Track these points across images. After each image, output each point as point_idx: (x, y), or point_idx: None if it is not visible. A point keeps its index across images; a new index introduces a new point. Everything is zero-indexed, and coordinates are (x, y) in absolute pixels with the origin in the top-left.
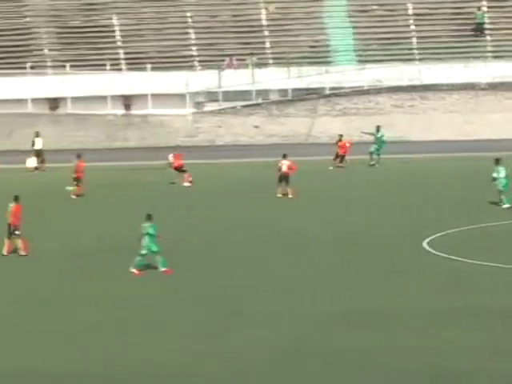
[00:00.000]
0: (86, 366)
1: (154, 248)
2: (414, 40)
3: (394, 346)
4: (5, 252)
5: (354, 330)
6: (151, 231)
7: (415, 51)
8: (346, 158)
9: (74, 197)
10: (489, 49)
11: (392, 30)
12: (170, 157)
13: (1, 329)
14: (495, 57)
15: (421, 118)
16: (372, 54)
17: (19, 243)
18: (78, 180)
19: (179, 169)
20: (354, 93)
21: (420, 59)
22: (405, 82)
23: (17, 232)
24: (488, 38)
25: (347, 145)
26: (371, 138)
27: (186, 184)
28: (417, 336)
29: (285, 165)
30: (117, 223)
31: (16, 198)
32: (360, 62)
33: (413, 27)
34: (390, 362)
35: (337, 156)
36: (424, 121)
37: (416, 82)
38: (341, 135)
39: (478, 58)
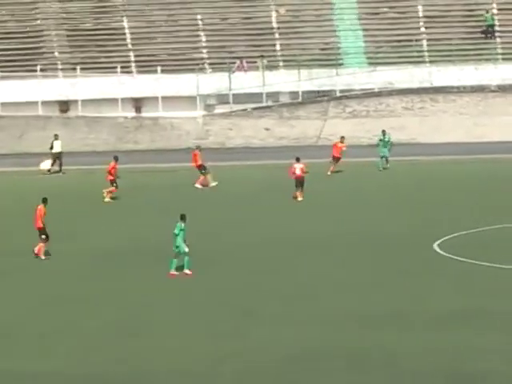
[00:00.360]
0: (99, 366)
1: (176, 249)
2: (425, 42)
3: (409, 347)
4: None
5: (367, 331)
6: (176, 231)
7: (426, 53)
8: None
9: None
10: (499, 51)
11: (402, 33)
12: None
13: (15, 329)
14: (505, 59)
15: (431, 120)
16: (382, 57)
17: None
18: (111, 182)
19: (200, 168)
20: (365, 95)
21: (430, 61)
22: (415, 85)
23: (42, 236)
24: (498, 40)
25: (343, 148)
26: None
27: (198, 185)
28: (431, 337)
29: (298, 168)
30: (133, 225)
31: (43, 201)
32: (370, 64)
33: (423, 29)
34: (406, 363)
35: (334, 158)
36: (434, 123)
37: (426, 85)
38: (342, 137)
39: (488, 60)
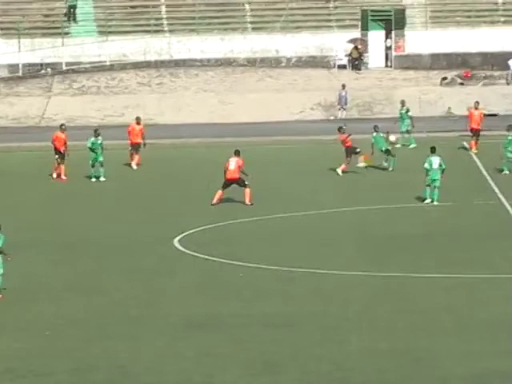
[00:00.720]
0: None
1: None
2: (164, 9)
3: (143, 357)
4: None
5: (98, 340)
6: None
7: (164, 22)
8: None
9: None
10: (248, 19)
11: None
12: None
13: None
14: (255, 28)
15: (171, 98)
16: (115, 25)
17: None
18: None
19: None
20: (95, 69)
21: (170, 31)
22: (153, 57)
23: None
24: (247, 6)
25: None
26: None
27: None
28: (169, 344)
29: None
30: None
31: None
32: (101, 33)
33: None
34: (138, 376)
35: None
36: (175, 101)
37: (165, 57)
38: (138, 117)
39: (236, 29)
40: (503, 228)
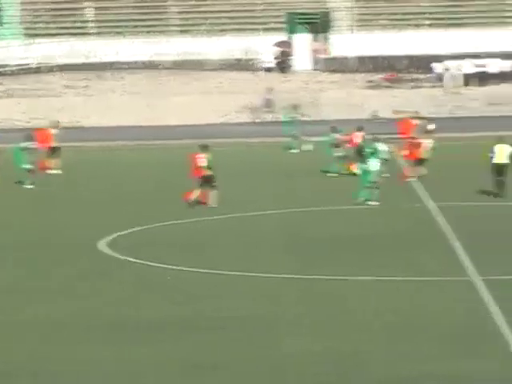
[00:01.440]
0: None
1: None
2: (91, 11)
3: (73, 362)
4: None
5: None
6: None
7: (91, 24)
8: None
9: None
10: (174, 22)
11: (65, 0)
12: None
13: None
14: (183, 31)
15: (98, 101)
16: (42, 27)
17: None
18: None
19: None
20: (21, 71)
21: (97, 33)
22: (79, 60)
23: None
24: (173, 10)
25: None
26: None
27: None
28: (94, 350)
29: None
30: None
31: None
32: (27, 36)
33: None
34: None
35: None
36: (101, 104)
37: (92, 60)
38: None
39: (162, 32)
40: (430, 230)
